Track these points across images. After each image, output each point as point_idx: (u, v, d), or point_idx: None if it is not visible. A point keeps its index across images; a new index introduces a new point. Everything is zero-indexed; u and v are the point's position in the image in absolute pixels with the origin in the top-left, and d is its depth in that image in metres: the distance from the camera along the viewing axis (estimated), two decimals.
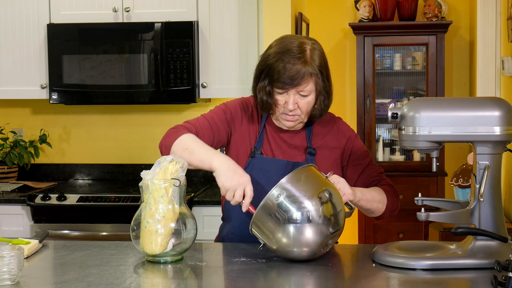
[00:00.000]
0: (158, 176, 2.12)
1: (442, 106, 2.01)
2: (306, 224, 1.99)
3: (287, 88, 2.25)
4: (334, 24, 5.29)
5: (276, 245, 2.03)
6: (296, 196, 2.01)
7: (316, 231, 1.99)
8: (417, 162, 5.02)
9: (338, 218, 2.04)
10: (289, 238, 2.00)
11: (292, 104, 2.27)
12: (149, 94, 3.91)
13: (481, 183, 1.99)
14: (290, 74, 2.23)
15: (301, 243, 2.00)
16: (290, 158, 2.36)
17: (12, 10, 4.07)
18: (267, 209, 2.03)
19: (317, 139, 2.40)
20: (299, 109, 2.29)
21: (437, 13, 4.91)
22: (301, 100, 2.28)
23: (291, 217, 2.00)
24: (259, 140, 2.39)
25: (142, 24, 3.93)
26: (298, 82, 2.24)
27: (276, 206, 2.01)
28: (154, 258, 2.10)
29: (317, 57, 2.27)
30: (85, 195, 3.79)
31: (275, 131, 2.40)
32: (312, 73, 2.25)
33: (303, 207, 1.99)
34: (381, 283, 1.86)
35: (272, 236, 2.02)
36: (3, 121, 4.41)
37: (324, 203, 2.01)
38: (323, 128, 2.41)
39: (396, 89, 5.16)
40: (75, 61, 3.95)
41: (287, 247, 2.01)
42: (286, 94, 2.27)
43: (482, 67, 4.41)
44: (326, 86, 2.31)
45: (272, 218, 2.02)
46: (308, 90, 2.27)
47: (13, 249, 1.90)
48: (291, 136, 2.40)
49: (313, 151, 2.36)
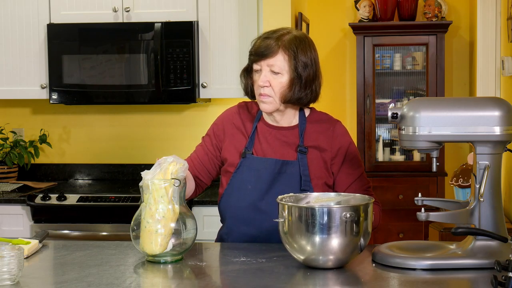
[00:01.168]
0: (158, 176, 2.12)
1: (442, 106, 2.01)
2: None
3: (259, 60, 2.32)
4: (334, 24, 5.29)
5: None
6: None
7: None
8: (417, 162, 5.02)
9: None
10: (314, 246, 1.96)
11: (263, 80, 2.32)
12: (149, 94, 3.91)
13: (481, 183, 1.99)
14: (262, 46, 2.32)
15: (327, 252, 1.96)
16: (281, 156, 2.37)
17: (12, 10, 4.07)
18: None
19: (310, 138, 2.40)
20: (271, 89, 2.32)
21: (437, 13, 4.91)
22: (274, 79, 2.32)
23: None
24: (250, 141, 2.41)
25: (142, 24, 3.93)
26: (267, 54, 2.30)
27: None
28: (154, 258, 2.10)
29: (293, 39, 2.34)
30: (85, 195, 3.79)
31: (267, 130, 2.42)
32: (283, 48, 2.31)
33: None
34: (381, 283, 1.86)
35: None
36: (3, 121, 4.41)
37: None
38: (317, 128, 2.41)
39: (396, 89, 5.16)
40: (75, 61, 3.95)
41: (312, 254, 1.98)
42: (261, 72, 2.33)
43: (482, 67, 4.41)
44: (303, 73, 2.32)
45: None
46: (279, 66, 2.31)
47: (13, 249, 1.90)
48: (283, 134, 2.41)
49: (304, 149, 2.37)
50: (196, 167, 2.48)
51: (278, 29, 2.38)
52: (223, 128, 2.48)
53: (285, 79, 2.32)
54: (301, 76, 2.32)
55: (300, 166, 2.34)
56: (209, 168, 2.48)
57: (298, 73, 2.32)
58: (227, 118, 2.50)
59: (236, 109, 2.51)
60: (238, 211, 2.38)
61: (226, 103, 4.20)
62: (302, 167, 2.34)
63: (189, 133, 4.31)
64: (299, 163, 2.35)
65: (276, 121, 2.43)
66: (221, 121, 2.51)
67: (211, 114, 4.27)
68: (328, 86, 5.86)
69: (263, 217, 2.34)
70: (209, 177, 2.50)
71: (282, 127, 2.42)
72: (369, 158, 4.95)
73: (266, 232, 2.33)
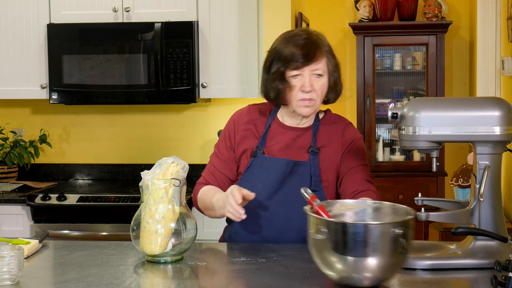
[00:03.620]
0: (158, 176, 2.12)
1: (442, 106, 2.01)
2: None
3: (302, 66, 2.27)
4: (334, 24, 5.29)
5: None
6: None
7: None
8: (417, 162, 5.02)
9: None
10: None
11: (309, 85, 2.28)
12: (149, 94, 3.91)
13: (481, 183, 1.99)
14: (304, 51, 2.26)
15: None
16: (293, 156, 2.36)
17: (12, 10, 4.07)
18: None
19: (322, 139, 2.39)
20: (314, 92, 2.30)
21: (437, 13, 4.91)
22: (317, 82, 2.29)
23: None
24: (262, 140, 2.39)
25: (142, 24, 3.93)
26: (312, 58, 2.26)
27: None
28: (154, 258, 2.10)
29: (324, 38, 2.33)
30: (85, 195, 3.79)
31: (281, 130, 2.41)
32: (324, 49, 2.30)
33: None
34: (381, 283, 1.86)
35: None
36: (3, 121, 4.41)
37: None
38: (330, 129, 2.41)
39: (396, 89, 5.16)
40: (75, 61, 3.95)
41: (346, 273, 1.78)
42: (302, 77, 2.29)
43: (482, 67, 4.41)
44: (336, 69, 2.34)
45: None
46: (322, 69, 2.29)
47: (13, 249, 1.90)
48: (297, 134, 2.40)
49: (316, 150, 2.36)
50: (220, 181, 2.44)
51: (301, 32, 2.32)
52: (235, 129, 2.45)
53: (325, 80, 2.32)
54: (336, 76, 2.35)
55: (311, 167, 2.33)
56: (228, 174, 2.45)
57: (334, 74, 2.34)
58: (238, 120, 2.47)
59: (246, 111, 2.48)
60: (247, 210, 2.36)
61: (226, 103, 4.20)
62: (313, 168, 2.33)
63: (189, 133, 4.31)
64: (310, 164, 2.34)
65: (301, 123, 2.41)
66: (232, 123, 2.48)
67: (211, 114, 4.28)
68: None
69: (271, 217, 2.33)
70: (230, 183, 2.45)
71: (295, 128, 2.41)
72: (369, 158, 4.95)
73: (274, 231, 2.33)
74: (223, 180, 2.44)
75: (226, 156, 2.45)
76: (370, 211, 1.97)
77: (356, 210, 1.98)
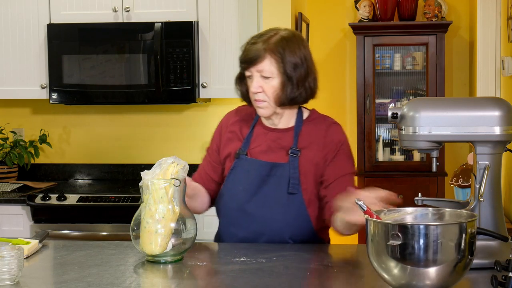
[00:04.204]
0: (158, 177, 2.12)
1: (442, 106, 2.01)
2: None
3: (249, 67, 2.31)
4: (334, 24, 5.29)
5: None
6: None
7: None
8: (417, 162, 5.02)
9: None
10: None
11: (255, 86, 2.31)
12: (149, 94, 3.91)
13: (481, 183, 1.99)
14: (250, 53, 2.30)
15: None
16: (273, 158, 2.35)
17: (12, 10, 4.07)
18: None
19: (304, 140, 2.37)
20: (264, 94, 2.31)
21: (437, 13, 4.91)
22: (266, 83, 2.31)
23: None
24: (246, 142, 2.41)
25: (142, 24, 3.93)
26: (255, 60, 2.29)
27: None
28: (154, 258, 2.10)
29: (280, 41, 2.30)
30: (85, 195, 3.79)
31: (264, 132, 2.42)
32: (269, 52, 2.28)
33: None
34: (381, 283, 1.86)
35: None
36: (3, 121, 4.41)
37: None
38: (313, 129, 2.39)
39: (396, 89, 5.16)
40: (75, 61, 3.95)
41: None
42: (252, 78, 2.33)
43: (482, 67, 4.41)
44: (293, 74, 2.30)
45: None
46: (268, 71, 2.29)
47: (13, 249, 1.90)
48: (278, 136, 2.40)
49: (296, 152, 2.34)
50: (204, 180, 2.48)
51: (265, 32, 2.36)
52: (221, 131, 2.49)
53: (276, 82, 2.30)
54: (291, 77, 2.30)
55: (290, 169, 2.32)
56: (214, 177, 2.47)
57: (288, 74, 2.30)
58: (225, 123, 2.51)
59: (233, 114, 2.51)
60: (228, 211, 2.39)
61: (226, 103, 4.20)
62: (292, 170, 2.31)
63: (189, 133, 4.31)
64: (289, 166, 2.32)
65: (274, 124, 2.41)
66: (219, 126, 2.53)
67: (211, 114, 4.28)
68: (328, 86, 5.86)
69: (250, 219, 2.34)
70: (217, 185, 2.47)
71: (278, 129, 2.41)
72: (369, 158, 4.95)
73: (253, 234, 2.33)
74: (209, 181, 2.48)
75: (212, 158, 2.49)
76: (431, 216, 1.86)
77: (415, 214, 1.87)
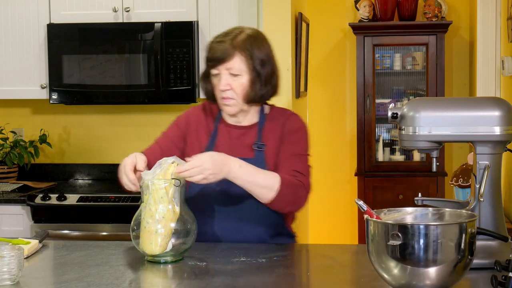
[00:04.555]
0: (158, 177, 2.12)
1: (442, 106, 2.01)
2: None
3: (217, 65, 2.31)
4: (334, 24, 5.29)
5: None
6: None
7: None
8: (417, 162, 5.02)
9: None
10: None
11: (224, 84, 2.32)
12: (149, 94, 3.91)
13: (481, 183, 1.99)
14: (218, 51, 2.31)
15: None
16: (241, 155, 2.34)
17: (12, 10, 4.07)
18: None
19: (267, 135, 2.39)
20: (233, 91, 2.32)
21: (437, 13, 4.92)
22: (234, 81, 2.32)
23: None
24: (212, 140, 2.41)
25: (142, 24, 3.93)
26: (225, 58, 2.29)
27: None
28: (154, 258, 2.10)
29: (247, 38, 2.33)
30: (85, 195, 3.79)
31: (227, 130, 2.42)
32: (239, 49, 2.30)
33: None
34: (381, 283, 1.86)
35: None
36: (3, 121, 4.41)
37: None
38: (273, 123, 2.41)
39: (396, 89, 5.16)
40: (75, 61, 3.95)
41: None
42: (220, 76, 2.33)
43: (482, 67, 4.41)
44: (262, 71, 2.33)
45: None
46: (238, 69, 2.31)
47: (13, 249, 1.90)
48: (242, 133, 2.41)
49: (261, 146, 2.36)
50: (159, 155, 2.39)
51: (230, 30, 2.38)
52: (188, 123, 2.47)
53: (245, 79, 2.32)
54: (260, 74, 2.33)
55: (257, 163, 2.31)
56: (176, 152, 2.42)
57: (257, 71, 2.33)
58: (192, 115, 2.49)
59: (201, 108, 2.51)
60: (200, 210, 2.37)
61: None
62: (258, 164, 2.31)
63: None
64: (255, 160, 2.33)
65: (239, 121, 2.43)
66: (185, 117, 2.50)
67: None
68: (328, 86, 5.86)
69: (221, 216, 2.35)
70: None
71: (242, 126, 2.42)
72: (369, 158, 4.95)
73: (227, 231, 2.35)
74: (173, 151, 2.42)
75: (174, 141, 2.46)
76: (431, 216, 1.87)
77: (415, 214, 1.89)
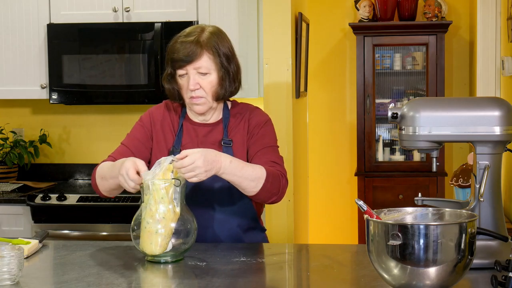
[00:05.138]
0: (159, 177, 2.12)
1: (442, 106, 2.01)
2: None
3: (185, 65, 2.30)
4: (334, 24, 5.29)
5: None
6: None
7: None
8: (417, 162, 5.02)
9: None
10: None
11: (193, 83, 2.31)
12: (149, 94, 3.91)
13: (481, 183, 1.99)
14: (184, 51, 2.29)
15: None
16: None
17: (12, 10, 4.07)
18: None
19: (233, 130, 2.40)
20: (202, 90, 2.32)
21: (437, 13, 4.91)
22: (203, 80, 2.32)
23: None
24: (178, 139, 2.41)
25: (142, 24, 3.93)
26: (193, 58, 2.29)
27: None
28: (154, 258, 2.10)
29: (211, 36, 2.33)
30: (85, 195, 3.79)
31: (193, 128, 2.42)
32: (205, 48, 2.30)
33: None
34: (381, 283, 1.86)
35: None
36: (3, 121, 4.41)
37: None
38: (238, 118, 2.42)
39: (396, 89, 5.16)
40: (75, 61, 3.95)
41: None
42: (187, 75, 2.32)
43: (482, 67, 4.41)
44: (229, 68, 2.34)
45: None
46: (206, 67, 2.31)
47: (13, 249, 1.90)
48: (208, 130, 2.41)
49: (229, 142, 2.37)
50: (136, 151, 2.39)
51: (192, 30, 2.36)
52: (153, 122, 2.44)
53: (214, 77, 2.33)
54: (228, 71, 2.35)
55: None
56: (147, 156, 2.41)
57: (225, 68, 2.34)
58: (156, 114, 2.47)
59: (163, 106, 2.49)
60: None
61: None
62: None
63: None
64: None
65: (206, 119, 2.43)
66: (149, 116, 2.47)
67: None
68: (328, 86, 5.85)
69: (194, 213, 2.32)
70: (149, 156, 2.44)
71: (208, 124, 2.43)
72: (369, 158, 4.95)
73: (200, 228, 2.31)
74: (144, 150, 2.41)
75: (142, 141, 2.42)
76: (431, 216, 1.87)
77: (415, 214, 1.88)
